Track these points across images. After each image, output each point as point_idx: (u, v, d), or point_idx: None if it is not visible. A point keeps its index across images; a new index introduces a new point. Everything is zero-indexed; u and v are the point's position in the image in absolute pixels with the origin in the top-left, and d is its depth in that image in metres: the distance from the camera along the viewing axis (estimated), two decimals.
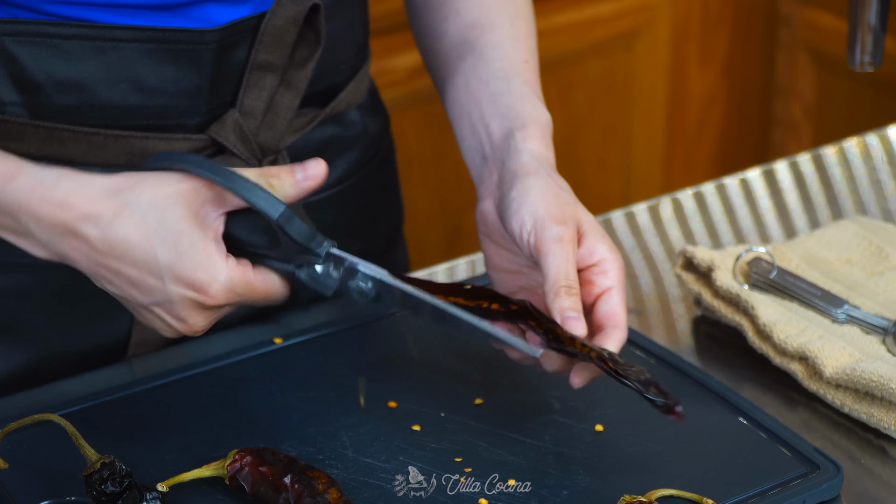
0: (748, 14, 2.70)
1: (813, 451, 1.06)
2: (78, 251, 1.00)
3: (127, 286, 1.01)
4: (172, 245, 0.99)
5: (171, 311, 1.01)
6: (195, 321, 1.02)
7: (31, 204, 1.00)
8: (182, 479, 1.00)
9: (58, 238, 1.00)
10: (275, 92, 1.17)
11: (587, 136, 2.59)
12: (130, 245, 0.99)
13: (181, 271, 0.99)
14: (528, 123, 1.14)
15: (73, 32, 1.10)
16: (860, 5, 1.17)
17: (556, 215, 1.06)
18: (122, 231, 1.00)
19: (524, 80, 1.17)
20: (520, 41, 1.21)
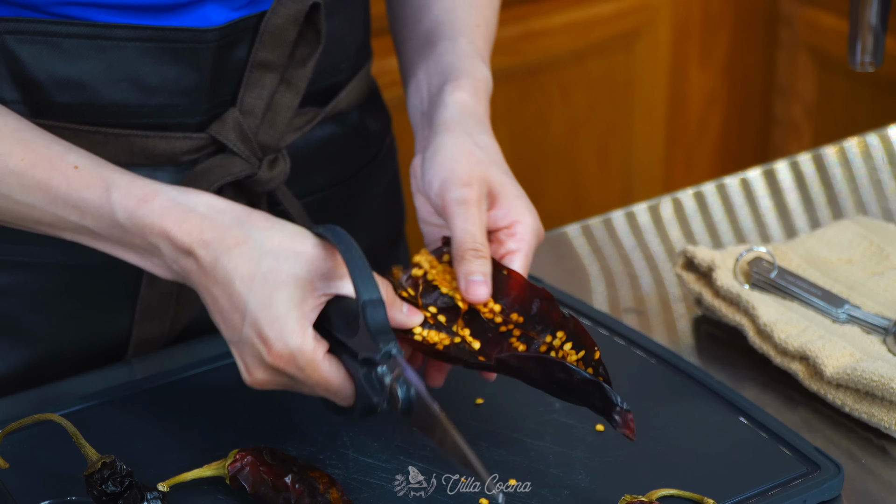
0: (749, 14, 2.70)
1: (814, 450, 1.06)
2: (194, 272, 1.00)
3: (218, 315, 1.01)
4: (268, 295, 0.98)
5: (241, 354, 1.00)
6: (256, 373, 1.00)
7: (163, 225, 1.00)
8: (183, 479, 1.00)
9: (181, 257, 1.00)
10: (275, 91, 1.17)
11: (588, 136, 2.59)
12: (232, 278, 0.99)
13: (259, 319, 0.98)
14: (461, 77, 1.15)
15: (73, 31, 1.10)
16: (861, 5, 1.17)
17: (462, 177, 1.07)
18: (232, 263, 0.99)
19: (470, 41, 1.19)
20: (475, 7, 1.22)
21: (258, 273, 0.98)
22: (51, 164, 1.04)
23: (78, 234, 1.05)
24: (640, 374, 1.16)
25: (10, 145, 1.04)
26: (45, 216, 1.04)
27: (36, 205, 1.04)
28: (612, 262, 1.38)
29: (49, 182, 1.03)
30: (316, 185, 1.27)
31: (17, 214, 1.05)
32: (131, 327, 1.22)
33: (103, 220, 1.02)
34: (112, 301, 1.20)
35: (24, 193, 1.04)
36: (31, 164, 1.04)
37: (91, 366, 1.21)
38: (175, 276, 1.03)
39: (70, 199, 1.03)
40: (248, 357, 0.99)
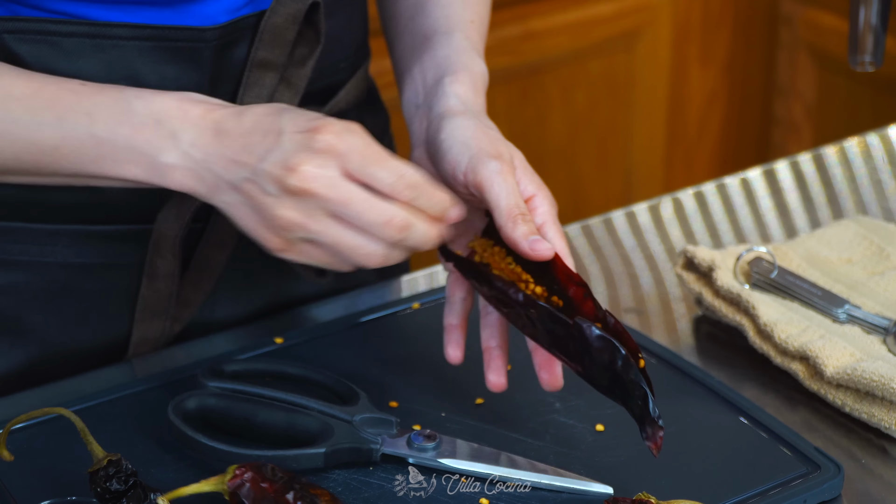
0: (749, 14, 2.70)
1: (814, 450, 1.06)
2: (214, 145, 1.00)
3: (248, 157, 0.99)
4: (299, 111, 1.01)
5: (281, 161, 0.98)
6: (304, 167, 0.97)
7: (181, 106, 1.01)
8: (180, 494, 0.99)
9: (201, 136, 1.00)
10: (274, 90, 1.17)
11: (588, 136, 2.59)
12: (260, 115, 1.00)
13: (300, 121, 0.99)
14: (459, 71, 1.15)
15: (73, 30, 1.10)
16: (861, 5, 1.17)
17: (490, 150, 1.07)
18: (258, 109, 1.01)
19: (466, 36, 1.19)
20: (469, 4, 1.23)
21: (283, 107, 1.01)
22: (58, 84, 1.04)
23: (81, 153, 1.03)
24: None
25: (12, 77, 1.04)
26: (51, 135, 1.03)
27: (43, 122, 1.03)
28: (612, 261, 1.38)
29: (57, 98, 1.03)
30: None
31: (20, 146, 1.03)
32: (131, 327, 1.22)
33: (115, 117, 1.02)
34: (112, 300, 1.20)
35: (30, 114, 1.03)
36: (36, 88, 1.04)
37: (91, 365, 1.21)
38: (188, 166, 1.01)
39: (80, 107, 1.03)
40: (292, 155, 0.98)
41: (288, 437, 1.06)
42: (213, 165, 1.01)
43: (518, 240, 1.03)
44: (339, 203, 0.98)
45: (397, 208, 0.99)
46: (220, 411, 1.07)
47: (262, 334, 1.22)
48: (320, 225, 0.99)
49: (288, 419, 1.06)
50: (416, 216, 1.00)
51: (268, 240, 1.01)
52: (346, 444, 1.04)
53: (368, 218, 0.98)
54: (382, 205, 0.98)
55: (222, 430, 1.07)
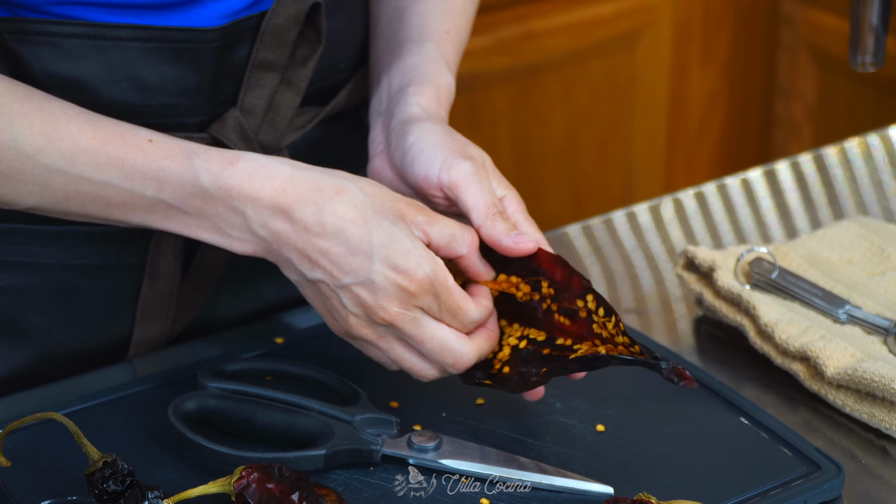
0: (749, 14, 2.70)
1: (814, 451, 1.06)
2: (287, 232, 1.01)
3: (330, 265, 1.00)
4: (388, 230, 1.00)
5: (371, 292, 1.00)
6: (390, 307, 1.01)
7: (252, 186, 1.01)
8: (187, 496, 0.99)
9: (271, 219, 1.00)
10: (276, 90, 1.17)
11: (588, 136, 2.59)
12: (346, 222, 1.00)
13: (392, 254, 1.00)
14: (425, 82, 1.16)
15: (74, 31, 1.09)
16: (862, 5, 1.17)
17: (462, 152, 1.09)
18: (340, 209, 1.00)
19: (437, 46, 1.20)
20: (447, 14, 1.23)
21: (368, 213, 1.01)
22: (124, 139, 1.03)
23: (151, 213, 1.03)
24: (641, 374, 1.16)
25: (79, 126, 1.03)
26: (119, 194, 1.03)
27: (110, 182, 1.02)
28: (612, 262, 1.38)
29: (125, 156, 1.02)
30: None
31: (87, 197, 1.03)
32: (132, 327, 1.22)
33: (184, 188, 1.02)
34: (113, 301, 1.20)
35: (97, 171, 1.02)
36: (103, 141, 1.03)
37: (92, 366, 1.21)
38: (258, 242, 1.02)
39: (148, 171, 1.02)
40: (383, 294, 1.00)
41: (288, 437, 1.06)
42: (286, 252, 1.02)
43: (499, 237, 1.06)
44: (416, 340, 1.03)
45: (466, 349, 1.03)
46: (221, 412, 1.07)
47: (262, 334, 1.22)
48: (388, 344, 1.04)
49: (288, 420, 1.06)
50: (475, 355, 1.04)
51: (331, 326, 1.05)
52: (346, 445, 1.04)
53: (438, 358, 1.03)
54: (454, 350, 1.03)
55: (223, 432, 1.07)
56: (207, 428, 1.06)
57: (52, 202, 1.04)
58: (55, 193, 1.03)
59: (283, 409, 1.07)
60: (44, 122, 1.03)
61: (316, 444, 1.04)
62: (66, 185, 1.03)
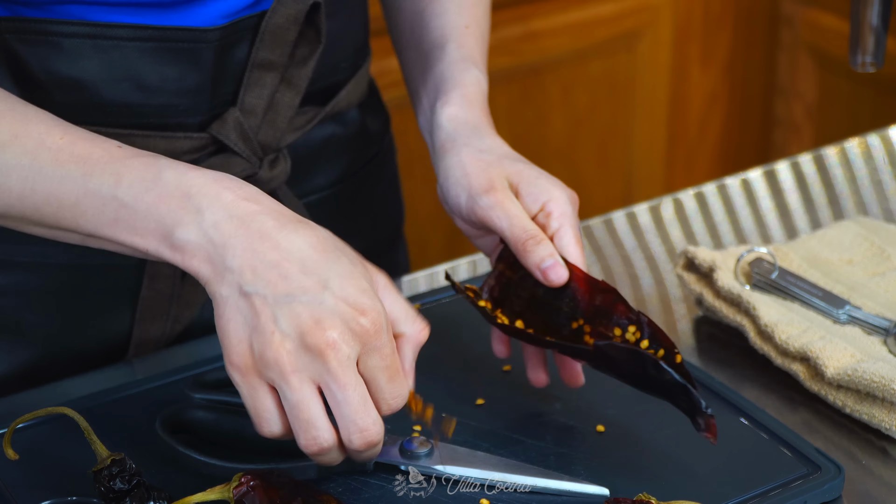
0: (750, 14, 2.70)
1: (814, 451, 1.06)
2: (238, 238, 0.94)
3: (276, 277, 0.93)
4: (346, 266, 0.95)
5: (315, 313, 0.92)
6: (331, 332, 0.92)
7: (217, 186, 0.95)
8: (187, 503, 0.99)
9: (227, 221, 0.94)
10: (275, 90, 1.17)
11: (589, 136, 2.59)
12: (305, 245, 0.94)
13: (348, 287, 0.93)
14: (449, 90, 1.16)
15: (74, 31, 1.10)
16: (862, 6, 1.17)
17: (482, 184, 1.08)
18: (302, 232, 0.95)
19: (459, 45, 1.20)
20: (464, 8, 1.23)
21: (329, 249, 0.95)
22: (92, 142, 1.00)
23: (100, 214, 0.98)
24: None
25: (48, 127, 1.00)
26: (73, 191, 0.98)
27: (67, 176, 0.98)
28: (612, 262, 1.38)
29: (89, 155, 0.99)
30: (316, 185, 1.27)
31: (41, 196, 0.99)
32: (132, 327, 1.22)
33: (143, 182, 0.96)
34: (113, 301, 1.20)
35: (57, 166, 0.99)
36: (70, 141, 1.00)
37: (92, 366, 1.21)
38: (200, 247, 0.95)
39: (109, 167, 0.98)
40: (328, 318, 0.92)
41: (279, 448, 1.05)
42: (230, 258, 0.94)
43: (532, 268, 1.06)
44: (340, 384, 0.93)
45: (377, 427, 0.95)
46: (210, 424, 1.06)
47: None
48: (300, 382, 0.93)
49: None
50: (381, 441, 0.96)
51: (238, 355, 0.94)
52: None
53: (352, 414, 0.94)
54: (368, 412, 0.94)
55: (212, 443, 1.06)
56: (197, 439, 1.06)
57: (7, 204, 1.00)
58: (10, 192, 1.00)
59: None
60: (14, 121, 1.01)
61: None
62: (22, 181, 0.99)
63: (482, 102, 1.17)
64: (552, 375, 1.13)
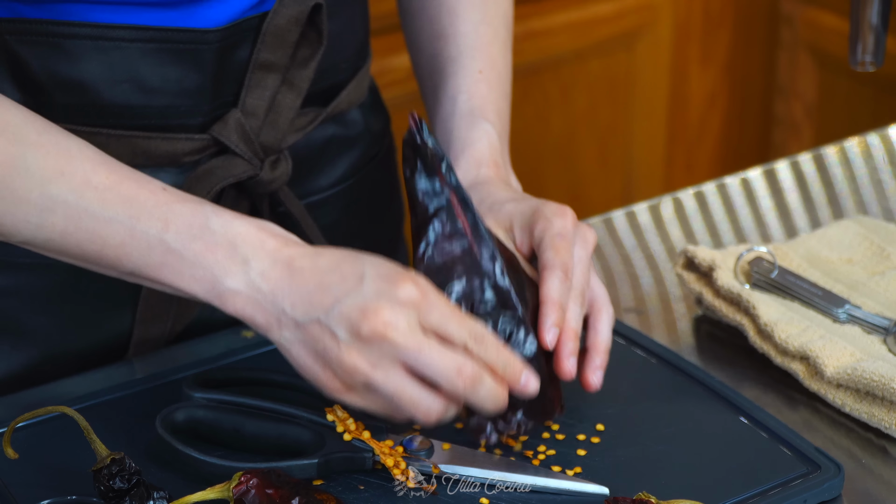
0: (749, 14, 2.70)
1: (814, 450, 1.06)
2: (284, 280, 0.98)
3: (322, 295, 0.96)
4: (379, 262, 0.98)
5: (359, 303, 0.95)
6: (382, 314, 0.95)
7: (259, 235, 0.99)
8: (187, 502, 0.99)
9: (272, 268, 0.98)
10: (277, 91, 1.17)
11: (588, 136, 2.59)
12: (341, 258, 0.98)
13: (382, 269, 0.96)
14: (457, 155, 1.16)
15: (75, 32, 1.10)
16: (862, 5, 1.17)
17: None
18: (336, 252, 0.98)
19: (469, 96, 1.20)
20: (479, 50, 1.22)
21: (361, 254, 0.99)
22: (139, 183, 1.01)
23: (147, 256, 1.00)
24: (641, 374, 1.16)
25: (94, 165, 1.01)
26: (119, 232, 1.00)
27: (115, 218, 1.00)
28: (612, 261, 1.38)
29: (136, 196, 1.00)
30: (317, 186, 1.27)
31: (85, 234, 1.00)
32: (132, 327, 1.22)
33: (190, 230, 0.99)
34: (114, 301, 1.20)
35: (103, 207, 1.00)
36: (116, 181, 1.00)
37: (92, 366, 1.21)
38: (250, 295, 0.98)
39: (157, 211, 0.99)
40: (372, 302, 0.95)
41: (279, 447, 1.05)
42: (280, 300, 0.98)
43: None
44: (413, 350, 0.96)
45: (469, 360, 0.97)
46: (209, 423, 1.06)
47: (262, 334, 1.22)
48: (385, 374, 0.96)
49: (278, 429, 1.06)
50: (485, 372, 0.98)
51: (325, 381, 0.98)
52: (338, 453, 1.04)
53: (440, 367, 0.96)
54: (455, 355, 0.97)
55: (212, 442, 1.06)
56: (196, 438, 1.06)
57: (47, 238, 1.01)
58: (53, 227, 1.01)
59: (272, 419, 1.06)
60: (59, 156, 1.01)
61: (307, 452, 1.04)
62: (67, 218, 1.00)
63: (490, 158, 1.17)
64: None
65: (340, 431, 1.05)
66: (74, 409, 1.05)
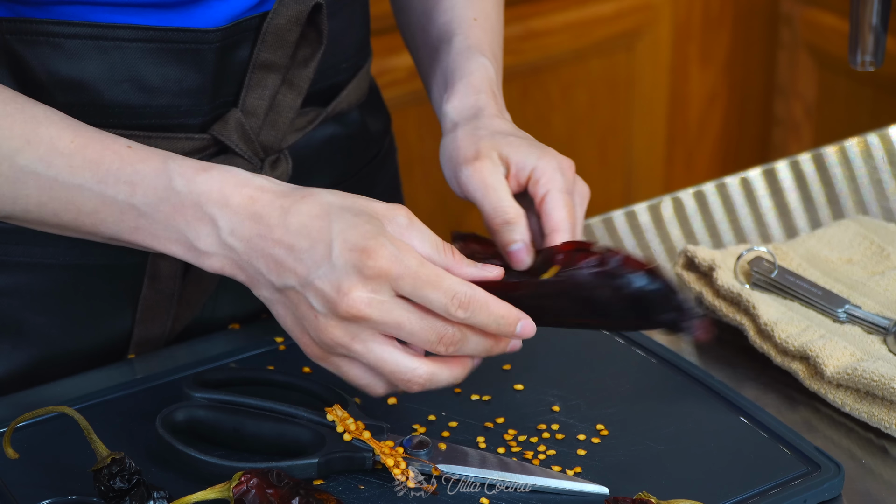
0: (749, 13, 2.70)
1: (814, 450, 1.06)
2: (256, 237, 0.98)
3: (294, 262, 0.96)
4: (349, 219, 0.97)
5: (331, 280, 0.95)
6: (352, 292, 0.95)
7: (223, 191, 0.98)
8: (187, 502, 0.99)
9: (241, 225, 0.98)
10: (277, 91, 1.17)
11: (588, 136, 2.59)
12: (310, 217, 0.97)
13: (350, 236, 0.96)
14: (454, 82, 1.16)
15: (75, 32, 1.10)
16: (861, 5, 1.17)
17: (469, 156, 1.08)
18: (305, 208, 0.98)
19: (465, 36, 1.20)
20: (472, 2, 1.23)
21: (332, 208, 0.98)
22: (103, 143, 1.01)
23: (120, 222, 1.01)
24: (641, 374, 1.16)
25: (59, 129, 1.02)
26: (91, 199, 1.00)
27: (84, 185, 1.00)
28: None
29: (101, 160, 1.01)
30: (317, 186, 1.27)
31: (59, 203, 1.01)
32: (132, 327, 1.22)
33: (156, 192, 0.99)
34: (113, 301, 1.20)
35: (72, 174, 1.00)
36: (81, 145, 1.01)
37: (93, 365, 1.21)
38: (226, 254, 0.99)
39: (122, 174, 1.00)
40: (344, 277, 0.95)
41: (279, 447, 1.06)
42: (255, 260, 0.98)
43: (500, 249, 1.06)
44: (392, 325, 0.97)
45: (449, 326, 0.98)
46: (209, 423, 1.07)
47: (262, 334, 1.22)
48: (364, 346, 0.97)
49: (278, 429, 1.06)
50: (470, 332, 0.99)
51: (306, 346, 1.00)
52: (338, 452, 1.04)
53: (420, 337, 0.97)
54: (434, 323, 0.97)
55: (212, 442, 1.06)
56: (196, 438, 1.06)
57: (24, 209, 1.02)
58: (28, 199, 1.02)
59: (272, 419, 1.06)
60: (25, 124, 1.01)
61: (307, 452, 1.04)
62: (39, 189, 1.01)
63: (488, 87, 1.17)
64: (552, 376, 1.13)
65: (340, 431, 1.05)
66: (74, 409, 1.05)
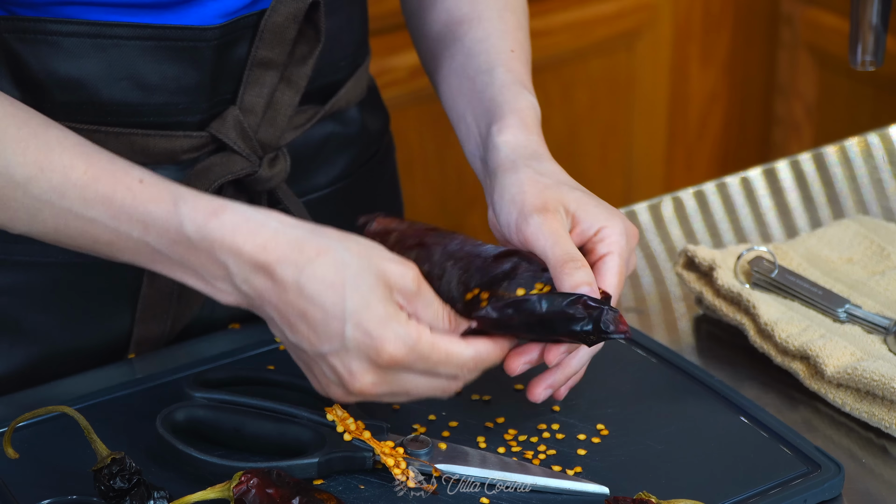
0: (749, 13, 2.70)
1: (814, 450, 1.06)
2: (269, 291, 0.97)
3: (307, 330, 0.97)
4: (364, 294, 0.96)
5: (343, 361, 0.97)
6: (363, 377, 0.97)
7: (234, 240, 0.97)
8: (187, 501, 0.99)
9: (253, 275, 0.97)
10: (275, 89, 1.17)
11: (588, 136, 2.59)
12: (324, 285, 0.96)
13: (364, 320, 0.96)
14: (505, 114, 1.14)
15: (73, 30, 1.10)
16: (862, 5, 1.17)
17: (536, 204, 1.06)
18: (319, 271, 0.96)
19: (507, 70, 1.18)
20: (507, 33, 1.22)
21: (347, 275, 0.96)
22: (115, 177, 1.00)
23: (137, 255, 1.01)
24: (641, 374, 1.16)
25: (71, 158, 1.01)
26: (105, 232, 1.00)
27: (97, 219, 1.00)
28: None
29: (113, 195, 1.00)
30: (316, 184, 1.27)
31: (75, 231, 1.01)
32: (132, 326, 1.22)
33: (168, 234, 0.99)
34: (113, 300, 1.20)
35: (85, 207, 1.00)
36: (94, 177, 1.00)
37: (92, 365, 1.21)
38: (242, 297, 0.99)
39: (135, 213, 0.99)
40: (355, 361, 0.97)
41: (279, 446, 1.05)
42: (268, 309, 0.98)
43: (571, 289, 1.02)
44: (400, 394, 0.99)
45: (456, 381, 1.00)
46: (210, 422, 1.07)
47: (262, 334, 1.22)
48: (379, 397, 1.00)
49: (278, 429, 1.06)
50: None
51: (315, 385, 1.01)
52: (338, 452, 1.04)
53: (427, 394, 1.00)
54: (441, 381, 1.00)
55: (212, 442, 1.06)
56: (196, 438, 1.06)
57: (42, 232, 1.02)
58: (44, 224, 1.01)
59: (272, 418, 1.06)
60: (38, 151, 1.01)
61: (307, 452, 1.04)
62: (55, 217, 1.01)
63: (538, 128, 1.15)
64: None
65: (340, 431, 1.05)
66: (75, 409, 1.05)
